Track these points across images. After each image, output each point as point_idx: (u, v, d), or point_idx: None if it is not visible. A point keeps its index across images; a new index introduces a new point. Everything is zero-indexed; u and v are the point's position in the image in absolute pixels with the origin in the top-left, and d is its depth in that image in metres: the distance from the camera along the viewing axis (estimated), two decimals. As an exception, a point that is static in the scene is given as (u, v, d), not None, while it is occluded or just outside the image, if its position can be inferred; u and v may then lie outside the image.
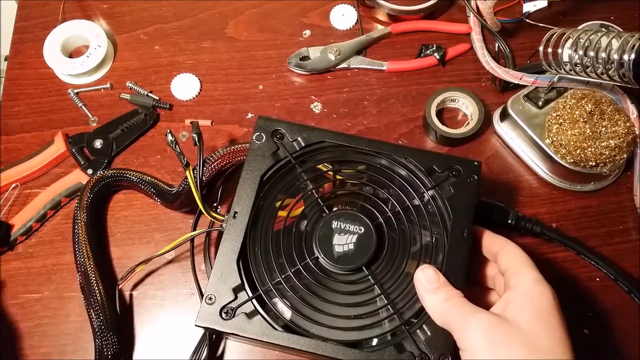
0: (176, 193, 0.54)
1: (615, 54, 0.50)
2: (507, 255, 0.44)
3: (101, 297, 0.50)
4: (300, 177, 0.48)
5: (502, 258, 0.44)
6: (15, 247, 0.56)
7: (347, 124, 0.62)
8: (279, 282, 0.44)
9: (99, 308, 0.50)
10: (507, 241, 0.45)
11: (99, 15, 0.67)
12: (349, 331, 0.43)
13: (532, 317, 0.39)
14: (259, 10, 0.68)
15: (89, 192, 0.54)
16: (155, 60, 0.65)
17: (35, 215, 0.56)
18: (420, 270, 0.43)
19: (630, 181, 0.59)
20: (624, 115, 0.56)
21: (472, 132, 0.59)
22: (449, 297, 0.41)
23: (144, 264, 0.52)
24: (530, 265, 0.42)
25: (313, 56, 0.64)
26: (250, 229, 0.46)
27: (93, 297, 0.50)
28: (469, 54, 0.65)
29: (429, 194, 0.47)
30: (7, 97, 0.63)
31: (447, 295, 0.41)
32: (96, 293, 0.50)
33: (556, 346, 0.38)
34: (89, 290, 0.50)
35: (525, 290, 0.41)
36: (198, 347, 0.51)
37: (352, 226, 0.46)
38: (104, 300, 0.50)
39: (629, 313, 0.54)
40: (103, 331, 0.49)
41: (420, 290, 0.43)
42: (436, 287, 0.42)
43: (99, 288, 0.51)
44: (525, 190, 0.59)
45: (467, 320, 0.39)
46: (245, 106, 0.63)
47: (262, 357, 0.52)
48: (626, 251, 0.56)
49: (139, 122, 0.61)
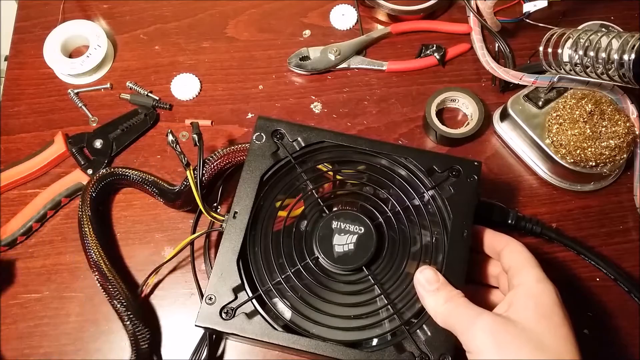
0: (178, 192, 0.54)
1: (615, 54, 0.50)
2: (510, 253, 0.44)
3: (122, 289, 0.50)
4: (300, 177, 0.48)
5: (505, 256, 0.44)
6: (15, 247, 0.56)
7: (347, 124, 0.62)
8: (279, 282, 0.44)
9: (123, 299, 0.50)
10: (510, 239, 0.45)
11: (99, 15, 0.67)
12: (349, 331, 0.43)
13: (536, 317, 0.39)
14: (259, 10, 0.68)
15: (92, 190, 0.54)
16: (155, 60, 0.65)
17: (35, 216, 0.56)
18: (419, 272, 0.43)
19: (630, 181, 0.59)
20: (624, 115, 0.56)
21: (472, 132, 0.59)
22: (450, 298, 0.41)
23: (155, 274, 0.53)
24: (533, 263, 0.42)
25: (313, 56, 0.64)
26: (250, 229, 0.46)
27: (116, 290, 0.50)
28: (469, 54, 0.65)
29: (429, 194, 0.47)
30: (7, 97, 0.63)
31: (448, 296, 0.41)
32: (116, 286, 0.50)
33: (562, 344, 0.38)
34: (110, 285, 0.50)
35: (528, 289, 0.41)
36: (198, 347, 0.51)
37: (352, 226, 0.46)
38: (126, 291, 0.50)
39: (629, 313, 0.54)
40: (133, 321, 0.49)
41: (420, 292, 0.43)
42: (436, 288, 0.42)
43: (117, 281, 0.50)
44: (525, 190, 0.59)
45: (472, 322, 0.39)
46: (245, 106, 0.63)
47: (262, 357, 0.52)
48: (626, 251, 0.56)
49: (139, 122, 0.61)
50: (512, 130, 0.60)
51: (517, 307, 0.40)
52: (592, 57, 0.52)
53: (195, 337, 0.51)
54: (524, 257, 0.43)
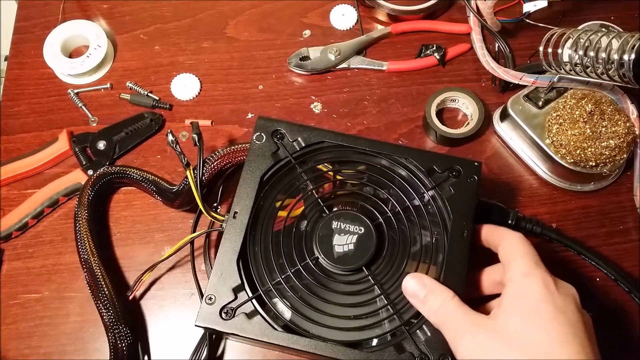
0: (177, 192, 0.54)
1: (615, 54, 0.50)
2: (505, 246, 0.42)
3: (109, 291, 0.50)
4: (300, 177, 0.48)
5: (501, 250, 0.43)
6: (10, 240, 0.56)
7: (347, 124, 0.62)
8: (279, 282, 0.44)
9: (107, 302, 0.50)
10: (508, 231, 0.43)
11: (99, 15, 0.67)
12: (348, 331, 0.43)
13: (522, 319, 0.37)
14: (259, 10, 0.68)
15: (91, 188, 0.54)
16: (155, 60, 0.65)
17: (32, 212, 0.56)
18: (404, 283, 0.43)
19: (630, 181, 0.59)
20: (624, 115, 0.56)
21: (472, 132, 0.59)
22: (441, 304, 0.40)
23: (149, 272, 0.52)
24: (521, 253, 0.40)
25: (313, 56, 0.64)
26: (250, 229, 0.46)
27: (101, 292, 0.50)
28: (469, 54, 0.65)
29: (429, 194, 0.47)
30: (7, 97, 0.63)
31: (439, 302, 0.40)
32: (103, 287, 0.50)
33: (552, 345, 0.36)
34: (96, 285, 0.50)
35: (514, 287, 0.39)
36: (198, 347, 0.51)
37: (352, 226, 0.46)
38: (112, 294, 0.50)
39: (629, 313, 0.54)
40: (114, 324, 0.49)
41: (412, 303, 0.43)
42: (423, 297, 0.41)
43: (105, 282, 0.50)
44: (525, 190, 0.59)
45: (459, 337, 0.39)
46: (245, 106, 0.63)
47: (262, 357, 0.52)
48: (626, 251, 0.56)
49: (144, 127, 0.61)
50: (512, 130, 0.60)
51: (504, 310, 0.39)
52: (592, 57, 0.52)
53: (195, 337, 0.51)
54: (515, 247, 0.41)
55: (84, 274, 0.51)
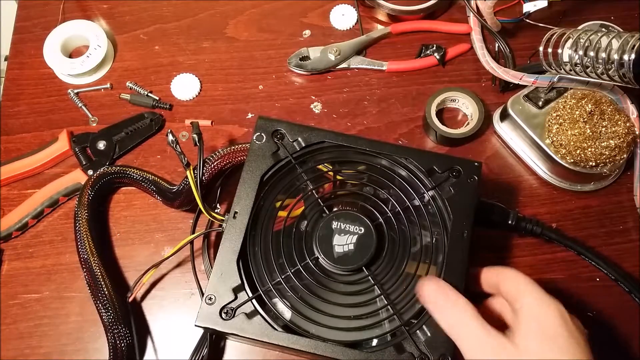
0: (177, 192, 0.54)
1: (615, 54, 0.50)
2: (506, 281, 0.42)
3: (109, 291, 0.50)
4: (300, 177, 0.48)
5: (502, 285, 0.42)
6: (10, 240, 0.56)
7: (347, 124, 0.62)
8: (279, 283, 0.44)
9: (107, 302, 0.50)
10: (502, 268, 0.43)
11: (99, 15, 0.67)
12: (348, 331, 0.43)
13: (540, 342, 0.38)
14: (259, 10, 0.68)
15: (91, 188, 0.54)
16: (155, 60, 0.65)
17: (32, 212, 0.56)
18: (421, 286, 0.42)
19: (630, 181, 0.59)
20: (624, 115, 0.56)
21: (472, 132, 0.59)
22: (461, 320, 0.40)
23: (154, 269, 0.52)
24: (531, 286, 0.41)
25: (313, 56, 0.64)
26: (250, 229, 0.46)
27: (101, 292, 0.50)
28: (469, 54, 0.65)
29: (429, 195, 0.47)
30: (7, 97, 0.63)
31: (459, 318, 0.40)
32: (103, 287, 0.50)
33: None
34: (96, 285, 0.50)
35: (530, 312, 0.40)
36: (198, 347, 0.51)
37: (352, 226, 0.46)
38: (112, 294, 0.50)
39: (629, 313, 0.54)
40: (114, 324, 0.49)
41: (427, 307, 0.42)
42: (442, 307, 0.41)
43: (105, 282, 0.50)
44: (525, 190, 0.59)
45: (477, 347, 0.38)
46: (245, 106, 0.63)
47: (262, 357, 0.52)
48: (626, 251, 0.56)
49: (144, 127, 0.61)
50: (512, 130, 0.60)
51: (521, 333, 0.39)
52: (592, 57, 0.52)
53: (195, 337, 0.51)
54: (520, 281, 0.41)
55: (84, 274, 0.51)
